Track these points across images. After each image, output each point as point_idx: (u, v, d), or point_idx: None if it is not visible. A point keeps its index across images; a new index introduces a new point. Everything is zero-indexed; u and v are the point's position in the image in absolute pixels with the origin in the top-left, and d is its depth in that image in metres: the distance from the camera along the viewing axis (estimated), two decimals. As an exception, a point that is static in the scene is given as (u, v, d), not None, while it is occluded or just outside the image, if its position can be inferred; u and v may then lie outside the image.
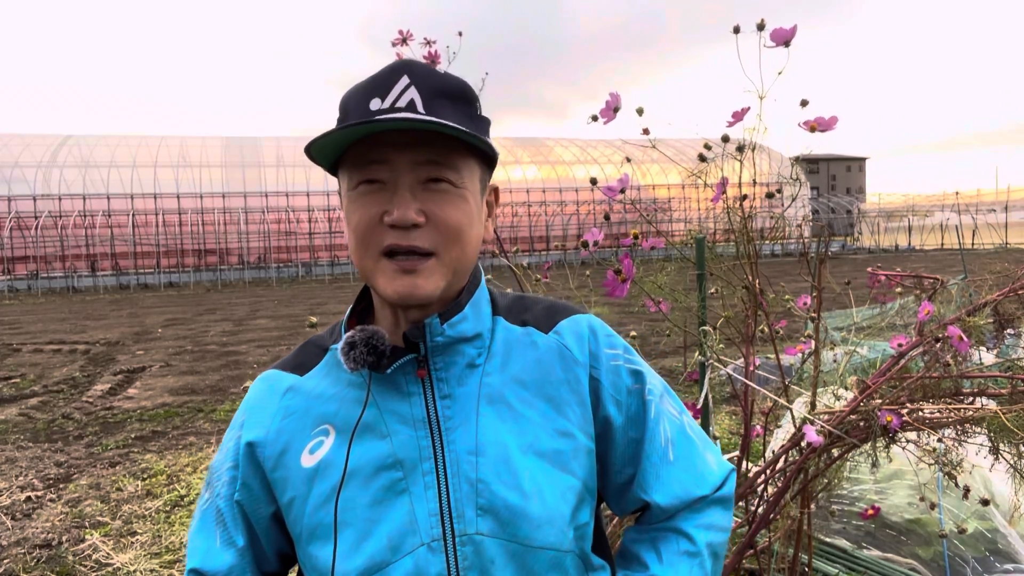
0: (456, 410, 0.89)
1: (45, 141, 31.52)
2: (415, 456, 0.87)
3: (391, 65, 0.86)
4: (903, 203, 47.27)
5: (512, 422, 0.90)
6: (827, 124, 1.58)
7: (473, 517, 0.86)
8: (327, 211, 32.37)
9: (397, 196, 0.83)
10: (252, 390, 1.00)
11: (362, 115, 0.83)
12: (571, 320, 0.99)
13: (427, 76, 0.85)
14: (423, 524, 0.85)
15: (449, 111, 0.84)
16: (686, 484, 0.97)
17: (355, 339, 0.85)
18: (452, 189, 0.85)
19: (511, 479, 0.87)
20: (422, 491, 0.86)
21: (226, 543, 0.96)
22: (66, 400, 7.60)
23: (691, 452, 1.00)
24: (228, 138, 35.30)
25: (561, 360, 0.95)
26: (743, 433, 2.12)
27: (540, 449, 0.90)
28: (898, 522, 2.76)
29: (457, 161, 0.85)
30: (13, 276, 27.60)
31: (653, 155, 1.89)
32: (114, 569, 3.60)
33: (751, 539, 1.94)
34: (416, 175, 0.84)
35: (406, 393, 0.89)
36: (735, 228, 1.89)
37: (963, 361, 1.80)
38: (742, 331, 2.02)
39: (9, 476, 5.09)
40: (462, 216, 0.86)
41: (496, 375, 0.92)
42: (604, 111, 1.58)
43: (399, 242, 0.83)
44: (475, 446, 0.88)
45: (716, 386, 2.30)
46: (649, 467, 0.97)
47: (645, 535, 1.00)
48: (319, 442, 0.90)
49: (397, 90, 0.83)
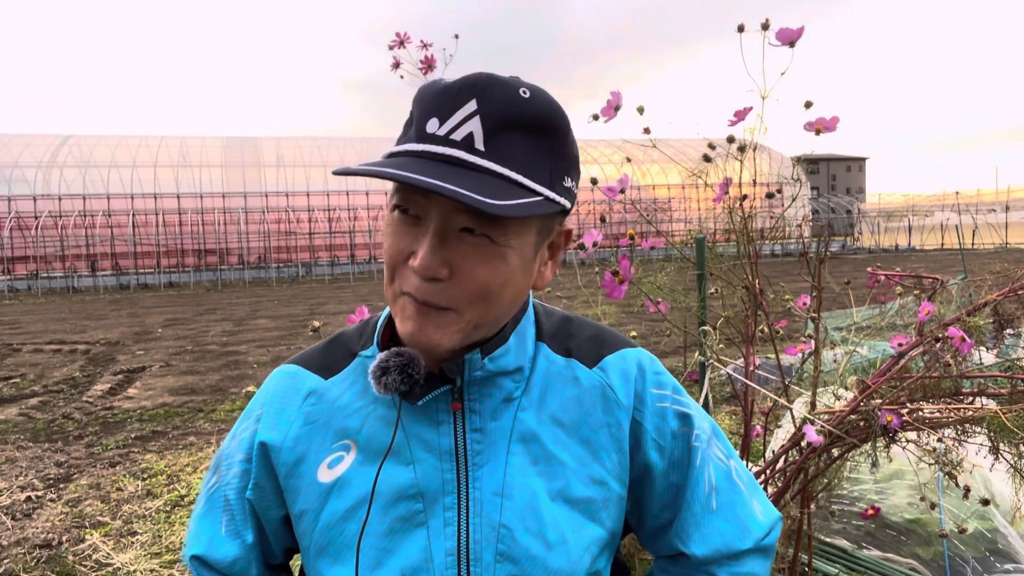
0: (486, 445, 0.83)
1: (45, 141, 31.52)
2: (438, 488, 0.82)
3: (464, 80, 0.73)
4: (903, 203, 47.28)
5: (544, 464, 0.84)
6: (829, 125, 1.58)
7: (491, 562, 0.81)
8: (327, 211, 32.38)
9: (425, 241, 0.73)
10: (273, 383, 0.95)
11: (419, 135, 0.73)
12: (619, 356, 0.92)
13: (501, 102, 0.72)
14: (438, 563, 0.81)
15: (521, 146, 0.72)
16: (727, 536, 0.91)
17: (389, 364, 0.79)
18: (489, 245, 0.74)
19: (536, 527, 0.82)
20: (440, 527, 0.82)
21: (232, 533, 0.92)
22: (66, 400, 7.60)
23: (736, 501, 0.93)
24: (228, 138, 35.30)
25: (603, 401, 0.88)
26: (743, 433, 2.12)
27: (570, 496, 0.85)
28: (898, 522, 2.76)
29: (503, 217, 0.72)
30: (13, 276, 27.60)
31: (653, 155, 1.90)
32: (114, 569, 3.60)
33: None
34: (452, 222, 0.73)
35: (436, 421, 0.84)
36: (735, 228, 1.89)
37: (963, 361, 1.80)
38: (742, 331, 2.03)
39: (9, 476, 5.09)
40: (494, 276, 0.75)
41: (532, 411, 0.86)
42: (605, 109, 1.58)
43: (414, 293, 0.75)
44: (502, 487, 0.82)
45: (716, 386, 2.30)
46: (689, 516, 0.91)
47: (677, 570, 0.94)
48: (339, 457, 0.85)
49: (459, 117, 0.71)
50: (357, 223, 32.56)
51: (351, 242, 32.63)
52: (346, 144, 35.33)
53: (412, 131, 0.75)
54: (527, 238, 0.77)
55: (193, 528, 0.96)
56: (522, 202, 0.71)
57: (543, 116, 0.74)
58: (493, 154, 0.71)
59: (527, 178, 0.73)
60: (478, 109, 0.71)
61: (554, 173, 0.76)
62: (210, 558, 0.92)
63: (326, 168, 33.13)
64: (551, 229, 0.82)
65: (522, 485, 0.83)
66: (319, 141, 35.69)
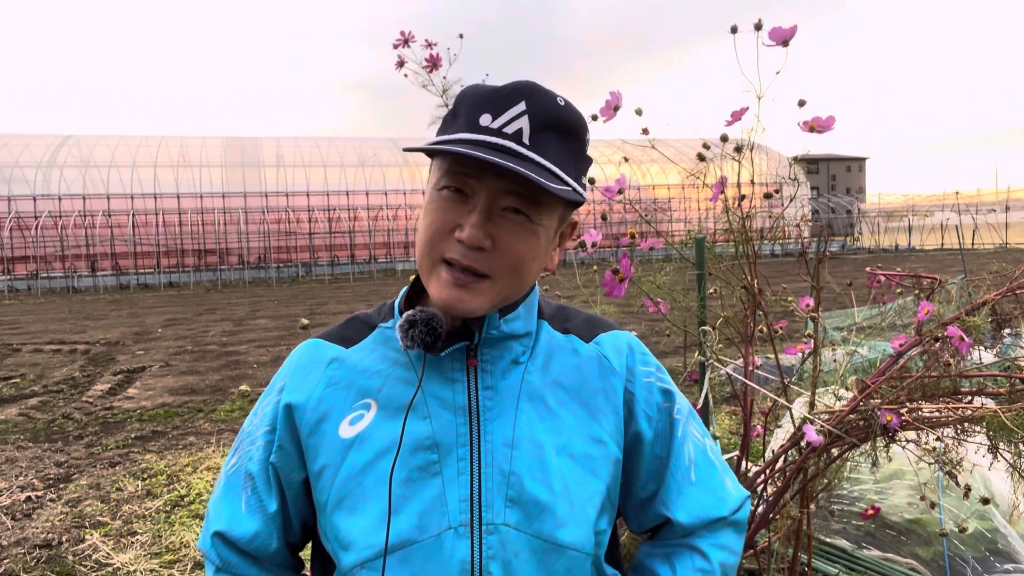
0: (496, 401, 0.92)
1: (45, 141, 31.52)
2: (452, 440, 0.90)
3: (515, 85, 0.86)
4: (903, 203, 47.28)
5: (548, 421, 0.93)
6: (825, 124, 1.58)
7: (502, 508, 0.88)
8: (327, 211, 32.38)
9: (473, 215, 0.85)
10: (295, 357, 1.01)
11: (470, 126, 0.85)
12: (611, 334, 1.03)
13: (544, 105, 0.85)
14: (453, 508, 0.87)
15: (555, 145, 0.86)
16: (706, 504, 1.00)
17: (416, 318, 0.88)
18: (527, 223, 0.87)
19: (542, 476, 0.89)
20: (454, 475, 0.89)
21: (253, 508, 0.97)
22: (66, 400, 7.60)
23: (711, 474, 1.03)
24: (228, 138, 35.30)
25: (600, 369, 0.98)
26: (743, 433, 2.12)
27: (572, 452, 0.92)
28: (898, 522, 2.76)
29: (541, 198, 0.86)
30: (13, 276, 27.60)
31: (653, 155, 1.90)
32: (114, 569, 3.60)
33: (751, 539, 1.94)
34: (498, 201, 0.86)
35: (450, 379, 0.92)
36: (733, 228, 1.89)
37: (962, 360, 1.80)
38: (741, 331, 2.03)
39: (9, 476, 5.09)
40: (528, 250, 0.88)
41: (538, 375, 0.95)
42: (604, 109, 1.58)
43: (459, 258, 0.85)
44: (511, 439, 0.90)
45: (716, 386, 2.30)
46: (673, 484, 1.00)
47: (660, 550, 1.02)
48: (359, 415, 0.92)
49: (510, 114, 0.84)
50: (357, 223, 32.56)
51: (351, 242, 32.63)
52: (346, 144, 35.31)
53: (461, 122, 0.87)
54: (553, 222, 0.91)
55: (213, 509, 1.00)
56: (562, 187, 0.84)
57: (574, 123, 0.88)
58: (536, 148, 0.84)
59: (561, 171, 0.86)
60: (527, 109, 0.84)
61: (578, 170, 0.90)
62: (231, 534, 0.96)
63: (326, 168, 33.13)
64: (565, 219, 0.95)
65: (529, 438, 0.91)
66: (319, 141, 35.68)
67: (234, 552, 0.97)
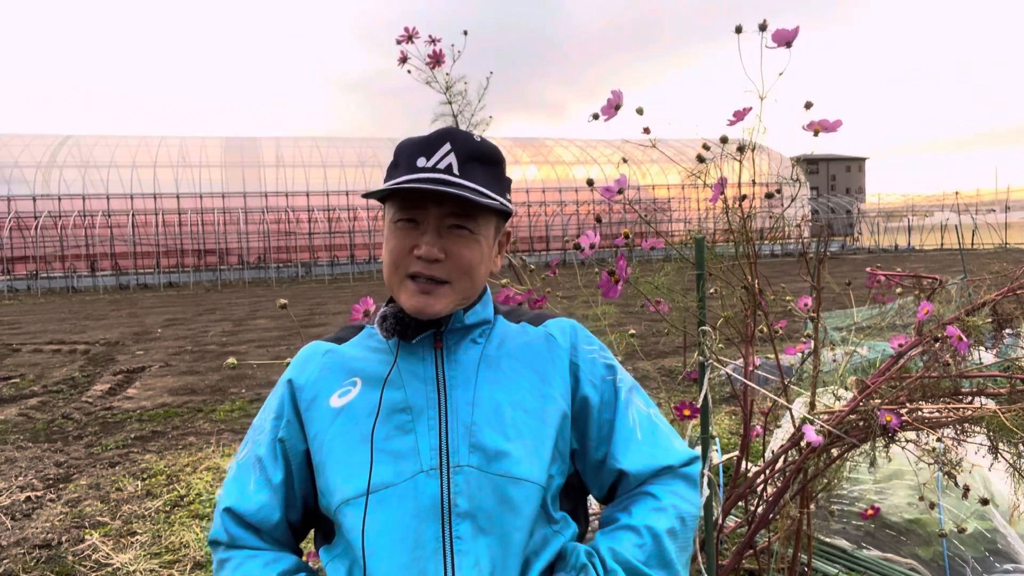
0: (459, 371, 1.11)
1: (45, 141, 31.51)
2: (423, 404, 1.08)
3: (438, 132, 1.10)
4: (903, 203, 47.27)
5: (504, 383, 1.11)
6: (830, 127, 1.58)
7: (466, 452, 1.05)
8: (327, 211, 32.38)
9: (427, 235, 1.06)
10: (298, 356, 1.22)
11: (410, 168, 1.07)
12: (556, 320, 1.23)
13: (464, 143, 1.09)
14: (424, 455, 1.05)
15: (479, 172, 1.08)
16: (653, 455, 1.14)
17: (387, 313, 1.11)
18: (469, 235, 1.08)
19: (499, 426, 1.07)
20: (426, 431, 1.07)
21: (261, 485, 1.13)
22: (66, 400, 7.60)
23: (656, 433, 1.18)
24: (228, 138, 35.29)
25: (547, 345, 1.18)
26: (742, 433, 2.12)
27: (526, 407, 1.10)
28: (898, 522, 2.76)
29: (476, 214, 1.08)
30: (13, 276, 27.59)
31: (653, 155, 1.90)
32: (114, 569, 3.59)
33: (751, 539, 1.94)
34: (443, 221, 1.07)
35: (421, 358, 1.12)
36: (733, 228, 1.89)
37: (962, 361, 1.80)
38: (741, 331, 2.03)
39: (9, 476, 5.09)
40: (474, 256, 1.09)
41: (493, 349, 1.15)
42: (605, 108, 1.58)
43: (422, 271, 1.06)
44: (472, 398, 1.09)
45: (716, 386, 2.30)
46: (620, 441, 1.15)
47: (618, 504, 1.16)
48: (347, 390, 1.12)
49: (440, 154, 1.07)
50: (357, 223, 32.56)
51: (351, 242, 32.62)
52: (346, 144, 35.31)
53: (403, 168, 1.08)
54: (490, 231, 1.13)
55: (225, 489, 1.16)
56: (490, 201, 1.07)
57: (491, 153, 1.12)
58: (465, 175, 1.07)
59: (488, 190, 1.08)
60: (452, 148, 1.08)
61: (502, 188, 1.13)
62: (238, 508, 1.12)
63: (326, 168, 33.13)
64: (499, 229, 1.17)
65: (488, 397, 1.10)
66: (319, 141, 35.68)
67: (240, 525, 1.11)
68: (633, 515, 1.10)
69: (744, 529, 2.00)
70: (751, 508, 2.08)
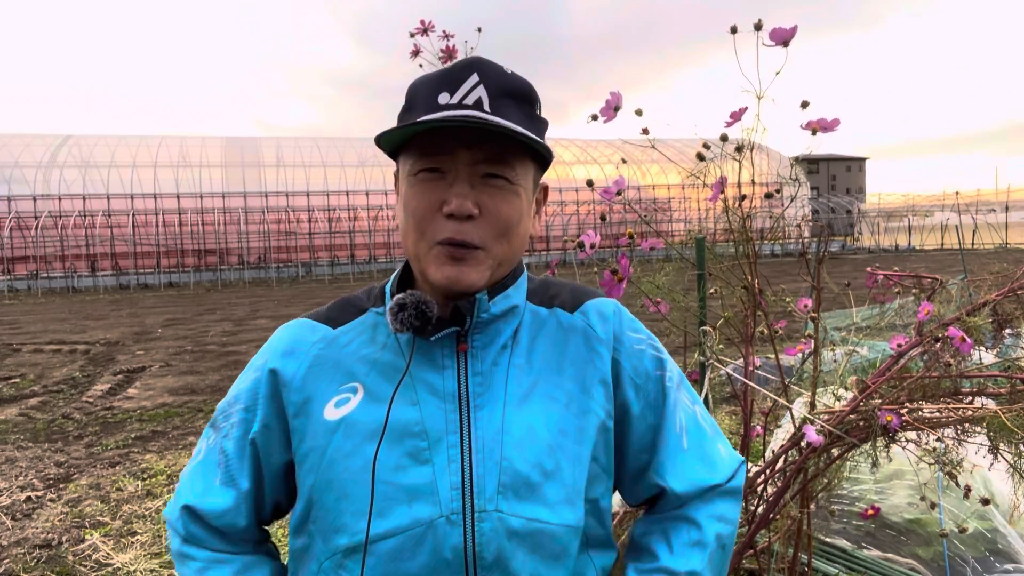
0: (486, 387, 0.91)
1: (45, 141, 31.49)
2: (441, 428, 0.88)
3: (463, 61, 0.89)
4: (903, 203, 47.25)
5: (538, 400, 0.92)
6: (829, 126, 1.58)
7: (494, 493, 0.87)
8: (327, 211, 32.36)
9: (456, 186, 0.86)
10: (278, 335, 1.00)
11: (430, 108, 0.86)
12: (595, 302, 1.02)
13: (496, 76, 0.88)
14: (444, 496, 0.86)
15: (513, 111, 0.88)
16: (700, 472, 0.99)
17: (406, 301, 0.88)
18: (507, 185, 0.89)
19: (534, 457, 0.89)
20: (445, 463, 0.87)
21: (226, 483, 0.96)
22: (66, 400, 7.59)
23: (703, 441, 1.02)
24: (228, 138, 35.28)
25: (585, 339, 0.97)
26: (743, 433, 2.12)
27: (563, 426, 0.92)
28: (898, 522, 2.76)
29: (514, 160, 0.89)
30: (13, 276, 27.58)
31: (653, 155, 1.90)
32: (114, 569, 3.60)
33: (751, 539, 1.94)
34: (475, 169, 0.87)
35: (440, 366, 0.91)
36: (734, 228, 1.89)
37: (962, 361, 1.80)
38: (741, 331, 2.02)
39: (9, 476, 5.09)
40: (513, 211, 0.89)
41: (524, 356, 0.94)
42: (604, 110, 1.58)
43: (452, 235, 0.86)
44: (501, 423, 0.89)
45: (716, 386, 2.30)
46: (665, 453, 0.99)
47: (656, 525, 1.00)
48: (345, 398, 0.91)
49: (467, 87, 0.86)
50: (357, 223, 32.54)
51: (351, 242, 32.60)
52: (346, 144, 35.29)
53: (420, 107, 0.88)
54: (528, 181, 0.93)
55: (185, 481, 0.99)
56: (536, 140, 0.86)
57: (524, 87, 0.91)
58: (498, 112, 0.86)
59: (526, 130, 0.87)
60: (481, 80, 0.87)
61: (538, 131, 0.92)
62: (201, 508, 0.95)
63: (326, 168, 33.12)
64: (537, 181, 0.97)
65: (519, 421, 0.90)
66: (319, 141, 35.66)
67: (201, 527, 0.96)
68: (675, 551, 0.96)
69: (744, 529, 1.99)
70: (751, 508, 2.08)
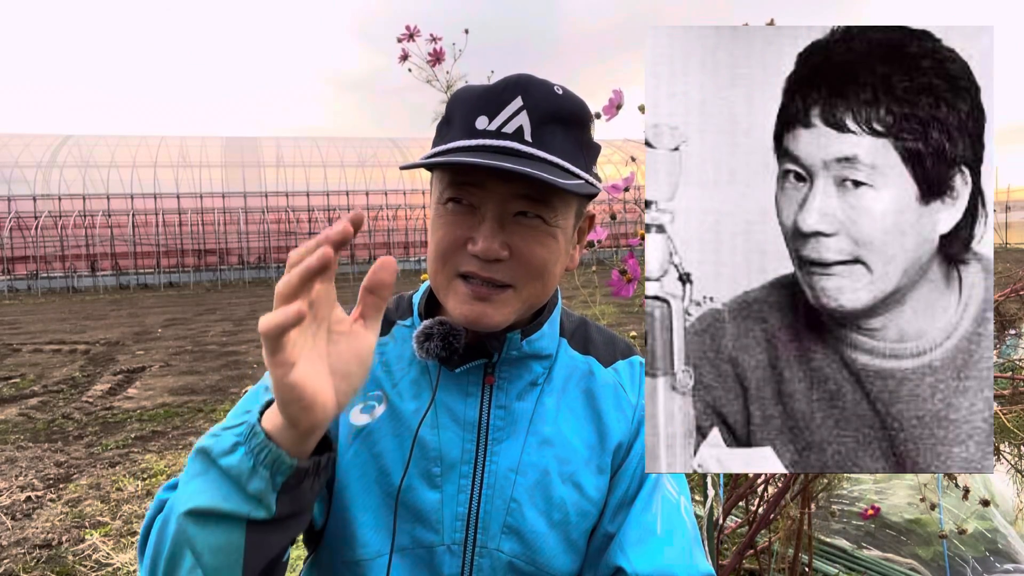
0: (508, 423, 0.88)
1: (45, 141, 31.50)
2: (457, 456, 0.86)
3: (508, 80, 0.80)
4: (903, 203, 47.19)
5: (559, 448, 0.89)
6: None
7: (497, 532, 0.85)
8: (327, 211, 32.37)
9: (484, 226, 0.79)
10: None
11: (466, 131, 0.79)
12: (628, 362, 0.98)
13: (542, 97, 0.79)
14: (448, 525, 0.85)
15: (560, 138, 0.80)
16: (670, 560, 0.84)
17: (433, 331, 0.84)
18: (542, 226, 0.81)
19: (544, 506, 0.86)
20: (454, 492, 0.86)
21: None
22: (66, 400, 7.59)
23: (681, 533, 0.88)
24: (228, 138, 35.28)
25: (615, 398, 0.94)
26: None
27: (578, 481, 0.88)
28: (898, 522, 2.76)
29: (553, 198, 0.80)
30: (13, 276, 27.58)
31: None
32: (114, 569, 3.59)
33: (751, 539, 1.94)
34: (508, 207, 0.80)
35: (465, 393, 0.88)
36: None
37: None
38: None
39: (9, 476, 5.09)
40: (547, 254, 0.82)
41: (554, 397, 0.91)
42: (607, 108, 1.58)
43: (478, 272, 0.80)
44: (517, 464, 0.87)
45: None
46: (634, 530, 0.87)
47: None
48: (371, 404, 0.89)
49: (508, 112, 0.78)
50: (357, 223, 32.53)
51: (351, 242, 32.61)
52: (346, 144, 35.31)
53: (457, 129, 0.81)
54: (569, 220, 0.84)
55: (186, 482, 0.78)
56: (575, 182, 0.78)
57: (576, 111, 0.82)
58: (540, 144, 0.78)
59: (570, 164, 0.80)
60: (524, 105, 0.79)
61: (588, 161, 0.84)
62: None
63: (326, 168, 33.13)
64: (582, 214, 0.88)
65: (536, 464, 0.87)
66: (319, 141, 35.68)
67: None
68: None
69: (745, 529, 2.00)
70: (752, 508, 2.08)
